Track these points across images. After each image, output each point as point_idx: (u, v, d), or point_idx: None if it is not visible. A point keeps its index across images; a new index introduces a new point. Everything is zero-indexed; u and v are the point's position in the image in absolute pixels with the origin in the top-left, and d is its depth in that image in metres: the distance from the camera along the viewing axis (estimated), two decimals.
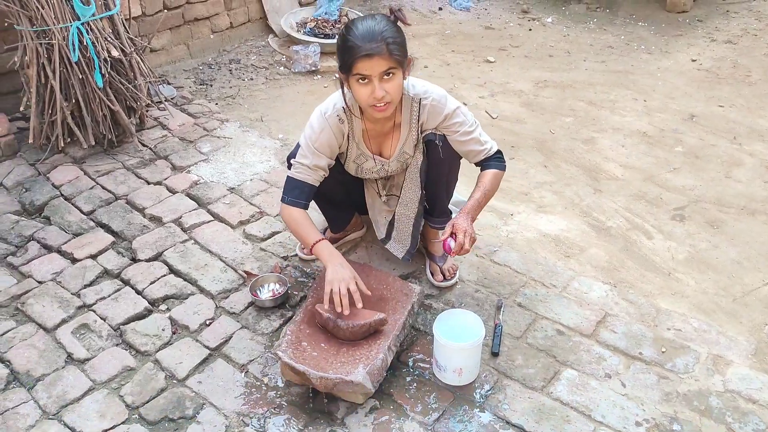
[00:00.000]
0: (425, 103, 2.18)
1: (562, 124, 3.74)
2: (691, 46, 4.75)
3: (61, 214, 2.83)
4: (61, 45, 2.91)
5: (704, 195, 3.11)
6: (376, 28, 1.98)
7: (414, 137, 2.27)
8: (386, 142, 2.29)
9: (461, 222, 2.19)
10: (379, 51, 1.95)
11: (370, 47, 1.95)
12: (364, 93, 2.02)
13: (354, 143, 2.28)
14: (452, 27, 5.05)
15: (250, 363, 2.20)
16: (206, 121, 3.52)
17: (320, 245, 2.19)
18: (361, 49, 1.95)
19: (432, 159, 2.30)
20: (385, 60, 1.97)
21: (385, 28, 1.99)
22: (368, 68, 1.97)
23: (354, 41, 1.97)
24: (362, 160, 2.33)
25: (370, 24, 2.00)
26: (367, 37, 1.96)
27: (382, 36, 1.96)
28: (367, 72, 1.98)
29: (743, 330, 2.35)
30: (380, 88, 2.00)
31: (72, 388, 2.11)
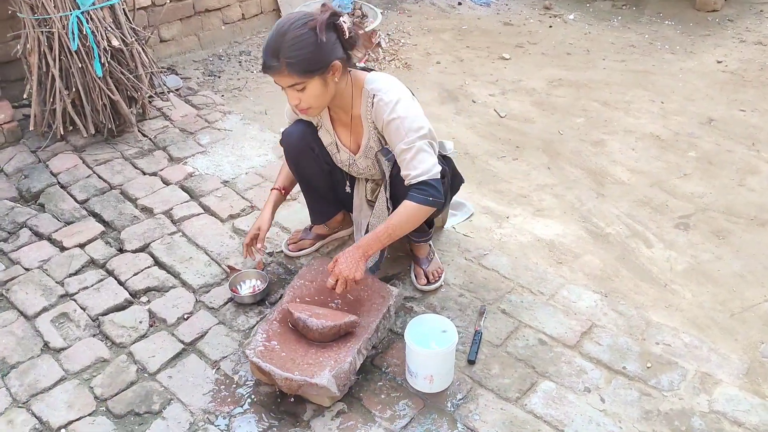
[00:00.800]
0: (376, 101, 2.07)
1: (572, 124, 3.63)
2: (718, 47, 4.58)
3: (55, 202, 2.86)
4: (61, 33, 2.92)
5: (713, 203, 2.98)
6: (279, 40, 1.87)
7: (374, 136, 2.18)
8: (355, 135, 2.23)
9: (342, 264, 2.02)
10: (277, 70, 1.91)
11: (269, 65, 1.91)
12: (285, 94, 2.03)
13: (324, 128, 2.26)
14: (470, 22, 4.96)
15: (223, 360, 2.17)
16: (208, 113, 3.51)
17: (271, 194, 2.40)
18: (263, 63, 1.93)
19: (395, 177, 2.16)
20: (286, 76, 1.92)
21: (290, 41, 1.86)
22: (275, 80, 1.96)
23: (262, 50, 1.94)
24: (334, 149, 2.30)
25: (278, 31, 1.90)
26: (268, 51, 1.90)
27: (280, 52, 1.87)
28: (276, 83, 1.98)
29: (737, 348, 2.24)
30: (293, 97, 1.99)
31: (44, 377, 2.11)
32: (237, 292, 2.39)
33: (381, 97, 2.06)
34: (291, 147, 2.34)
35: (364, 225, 2.44)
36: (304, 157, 2.33)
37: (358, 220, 2.47)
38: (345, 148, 2.27)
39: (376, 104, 2.07)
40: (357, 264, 2.02)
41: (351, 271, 2.02)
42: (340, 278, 2.02)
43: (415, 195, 2.01)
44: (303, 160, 2.34)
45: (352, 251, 2.04)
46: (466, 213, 2.81)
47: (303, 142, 2.31)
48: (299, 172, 2.39)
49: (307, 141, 2.31)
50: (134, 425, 1.98)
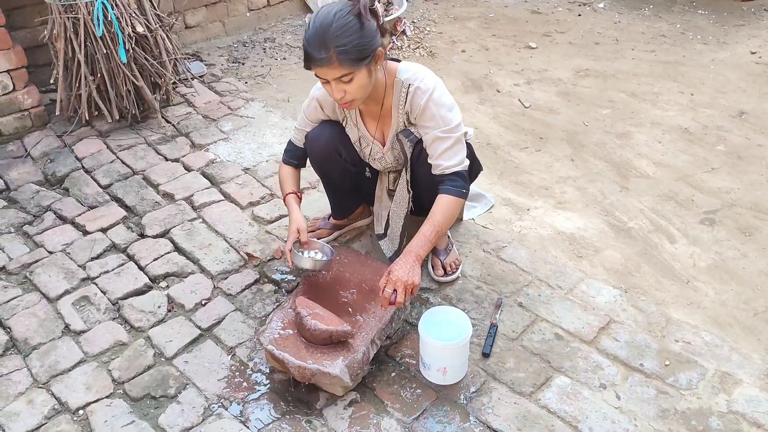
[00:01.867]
0: (412, 89, 2.07)
1: (598, 116, 3.57)
2: (752, 38, 4.45)
3: (79, 187, 2.90)
4: (87, 19, 2.95)
5: (741, 199, 2.91)
6: (327, 30, 1.84)
7: (402, 125, 2.18)
8: (383, 127, 2.22)
9: (397, 271, 1.96)
10: (327, 62, 1.87)
11: (317, 57, 1.87)
12: (327, 89, 2.00)
13: (351, 122, 2.25)
14: (497, 10, 4.89)
15: (239, 346, 2.19)
16: (231, 100, 3.53)
17: (287, 198, 2.31)
18: (310, 57, 1.89)
19: (416, 159, 2.18)
20: (336, 68, 1.89)
21: (338, 31, 1.84)
22: (321, 74, 1.93)
23: (306, 44, 1.89)
24: (364, 143, 2.29)
25: (322, 22, 1.86)
26: (314, 43, 1.86)
27: (332, 43, 1.84)
28: (322, 76, 1.94)
29: (760, 348, 2.19)
30: (338, 90, 1.96)
31: (64, 358, 2.15)
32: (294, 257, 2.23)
33: (418, 86, 2.06)
34: (316, 152, 2.32)
35: (385, 216, 2.43)
36: (330, 161, 2.32)
37: (379, 211, 2.47)
38: (375, 141, 2.25)
39: (413, 92, 2.06)
40: (413, 269, 1.98)
41: (409, 276, 1.97)
42: (399, 285, 1.96)
43: (451, 188, 2.06)
44: (328, 165, 2.34)
45: (404, 258, 2.00)
46: (486, 205, 2.78)
47: (330, 148, 2.29)
48: (324, 174, 2.41)
49: (334, 146, 2.29)
50: (150, 408, 2.01)
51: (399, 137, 2.17)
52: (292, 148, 2.37)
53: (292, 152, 2.37)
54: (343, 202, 2.56)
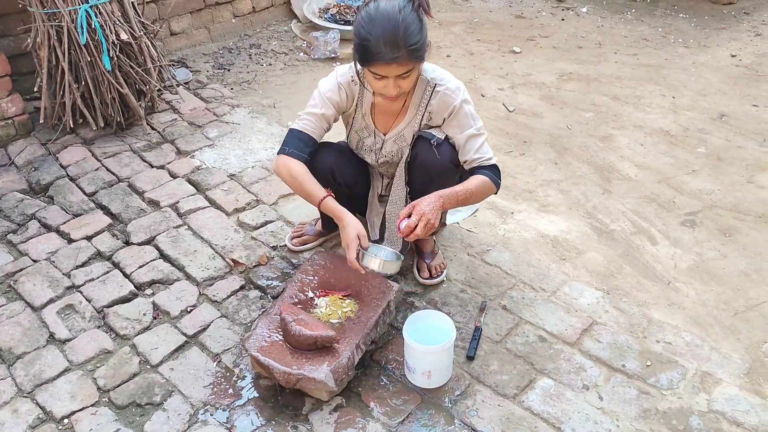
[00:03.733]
0: (438, 90, 2.13)
1: (581, 119, 3.61)
2: (733, 41, 4.51)
3: (64, 194, 2.89)
4: (71, 27, 2.95)
5: (721, 200, 2.95)
6: (398, 28, 1.86)
7: (417, 123, 2.21)
8: (392, 120, 2.24)
9: (424, 205, 2.01)
10: (399, 60, 1.89)
11: (390, 56, 1.87)
12: (378, 85, 2.00)
13: (360, 113, 2.25)
14: (481, 15, 4.93)
15: (224, 353, 2.20)
16: (217, 106, 3.53)
17: (328, 201, 2.14)
18: (382, 55, 1.88)
19: (422, 160, 2.20)
20: (405, 64, 1.91)
21: (407, 28, 1.88)
22: (386, 71, 1.93)
23: (373, 43, 1.87)
24: (365, 134, 2.29)
25: (390, 21, 1.87)
26: (388, 41, 1.86)
27: (404, 41, 1.87)
28: (385, 74, 1.93)
29: (739, 347, 2.22)
30: (395, 86, 1.97)
31: (49, 367, 2.15)
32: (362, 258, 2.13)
33: (447, 86, 2.12)
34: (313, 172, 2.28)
35: (378, 222, 2.44)
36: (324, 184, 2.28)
37: (371, 219, 2.48)
38: (377, 132, 2.26)
39: (441, 93, 2.12)
40: (437, 210, 2.02)
41: (433, 214, 2.00)
42: (423, 219, 1.98)
43: (491, 174, 2.14)
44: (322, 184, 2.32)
45: (433, 198, 2.03)
46: (470, 208, 2.81)
47: (326, 172, 2.28)
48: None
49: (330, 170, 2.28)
50: (135, 416, 2.01)
51: (423, 134, 2.17)
52: (303, 136, 2.16)
53: (304, 142, 2.16)
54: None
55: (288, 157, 2.15)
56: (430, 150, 2.17)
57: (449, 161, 2.19)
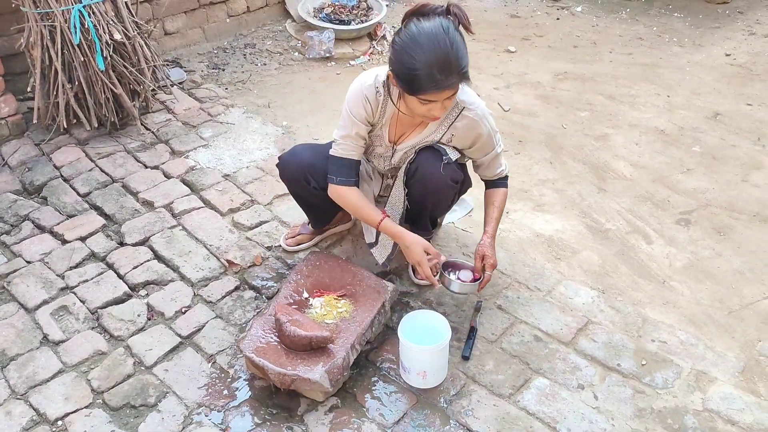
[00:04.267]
0: (466, 114, 2.07)
1: (576, 118, 3.61)
2: (727, 40, 4.52)
3: (57, 195, 2.88)
4: (63, 27, 2.94)
5: (716, 199, 2.95)
6: (449, 53, 1.80)
7: (435, 138, 2.16)
8: (406, 131, 2.21)
9: (489, 253, 2.20)
10: (452, 84, 1.84)
11: (447, 84, 1.82)
12: (422, 109, 1.94)
13: (380, 123, 2.18)
14: (476, 14, 4.92)
15: (219, 353, 2.19)
16: (211, 106, 3.52)
17: (386, 222, 2.19)
18: (439, 84, 1.82)
19: (423, 173, 2.17)
20: (455, 89, 1.87)
21: (458, 51, 1.82)
22: (438, 96, 1.87)
23: (424, 72, 1.80)
24: (377, 142, 2.25)
25: (439, 43, 1.80)
26: (441, 68, 1.80)
27: (457, 66, 1.82)
28: (435, 99, 1.88)
29: (734, 345, 2.23)
30: (442, 108, 1.92)
31: (42, 369, 2.14)
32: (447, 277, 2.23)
33: (475, 112, 2.08)
34: (286, 177, 2.37)
35: None
36: (299, 188, 2.35)
37: None
38: (388, 143, 2.23)
39: (470, 119, 2.09)
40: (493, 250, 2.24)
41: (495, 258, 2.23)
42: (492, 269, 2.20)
43: (505, 182, 2.31)
44: (297, 188, 2.37)
45: (493, 245, 2.23)
46: (466, 208, 2.80)
47: (299, 177, 2.31)
48: (294, 193, 2.44)
49: (303, 175, 2.29)
50: (129, 418, 2.00)
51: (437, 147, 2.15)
52: (345, 162, 2.16)
53: (347, 168, 2.17)
54: (319, 215, 2.54)
55: (338, 186, 2.19)
56: (434, 165, 2.14)
57: (451, 179, 2.18)
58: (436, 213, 2.40)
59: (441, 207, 2.37)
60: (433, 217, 2.40)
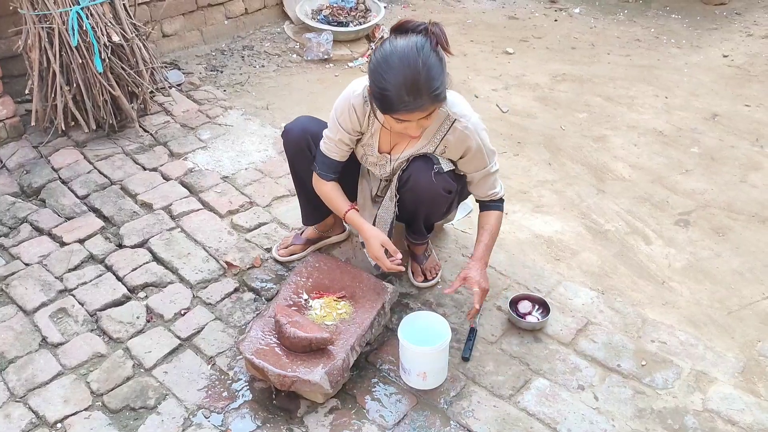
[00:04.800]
0: (457, 127, 2.04)
1: (575, 120, 3.61)
2: (724, 41, 4.53)
3: (56, 198, 2.87)
4: (62, 29, 2.93)
5: (714, 200, 2.95)
6: (419, 74, 1.76)
7: (428, 150, 2.14)
8: (399, 142, 2.18)
9: (474, 274, 2.13)
10: (421, 107, 1.81)
11: (416, 105, 1.80)
12: (399, 127, 1.92)
13: (369, 132, 2.17)
14: (474, 16, 4.93)
15: (218, 355, 2.19)
16: (210, 108, 3.52)
17: (349, 215, 2.23)
18: (402, 105, 1.80)
19: (415, 182, 2.15)
20: (425, 111, 1.84)
21: (429, 72, 1.77)
22: (408, 117, 1.86)
23: (393, 93, 1.79)
24: (369, 151, 2.24)
25: (410, 64, 1.77)
26: (410, 90, 1.77)
27: (427, 88, 1.78)
28: (407, 119, 1.86)
29: (734, 346, 2.23)
30: (417, 127, 1.91)
31: (41, 371, 2.13)
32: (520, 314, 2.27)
33: (466, 125, 2.04)
34: (289, 144, 2.33)
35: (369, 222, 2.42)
36: (300, 156, 2.31)
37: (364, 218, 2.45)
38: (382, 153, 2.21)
39: (460, 132, 2.05)
40: (486, 276, 2.18)
41: (486, 282, 2.17)
42: (480, 291, 2.13)
43: (501, 206, 2.26)
44: (298, 159, 2.33)
45: (478, 263, 2.16)
46: (464, 210, 2.79)
47: (301, 142, 2.28)
48: (294, 168, 2.39)
49: (305, 141, 2.27)
50: (129, 420, 1.99)
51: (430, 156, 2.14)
52: (327, 160, 2.20)
53: (327, 165, 2.21)
54: (314, 207, 2.48)
55: (318, 176, 2.25)
56: (427, 174, 2.12)
57: (443, 189, 2.15)
58: (430, 220, 2.38)
59: (434, 215, 2.34)
60: (427, 224, 2.39)
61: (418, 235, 2.40)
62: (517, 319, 2.25)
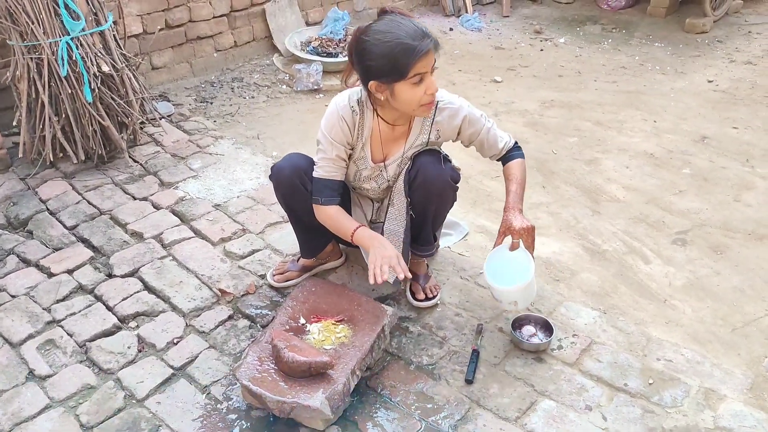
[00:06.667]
0: (443, 107, 2.14)
1: (566, 144, 3.62)
2: (708, 67, 4.61)
3: (43, 228, 2.81)
4: (51, 60, 2.91)
5: (710, 219, 2.95)
6: (411, 24, 1.94)
7: (423, 141, 2.18)
8: (392, 147, 2.20)
9: (516, 223, 2.13)
10: (433, 45, 1.94)
11: (427, 44, 1.92)
12: (418, 93, 1.97)
13: (360, 142, 2.18)
14: (462, 47, 4.99)
15: (213, 384, 2.11)
16: (200, 138, 3.49)
17: (359, 232, 2.16)
18: (419, 48, 1.90)
19: (425, 176, 2.16)
20: (434, 54, 1.96)
21: (416, 23, 1.96)
22: (425, 65, 1.94)
23: (408, 42, 1.91)
24: (363, 165, 2.24)
25: (400, 24, 1.94)
26: (415, 35, 1.92)
27: (425, 31, 1.94)
28: (424, 69, 1.94)
29: (740, 362, 2.19)
30: (432, 84, 1.98)
31: (29, 405, 2.04)
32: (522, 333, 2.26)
33: (450, 101, 2.17)
34: (281, 184, 2.27)
35: None
36: (294, 193, 2.26)
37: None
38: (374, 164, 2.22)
39: (448, 110, 2.16)
40: (524, 218, 2.17)
41: (526, 223, 2.14)
42: (525, 233, 2.12)
43: (518, 153, 2.31)
44: (293, 198, 2.28)
45: (513, 212, 2.17)
46: (461, 233, 2.77)
47: (294, 179, 2.24)
48: (289, 206, 2.34)
49: (299, 177, 2.23)
50: None
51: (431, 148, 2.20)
52: (328, 182, 2.18)
53: (330, 188, 2.18)
54: (312, 240, 2.46)
55: (323, 206, 2.20)
56: (436, 165, 2.15)
57: (450, 179, 2.20)
58: (438, 220, 2.37)
59: (441, 213, 2.34)
60: (435, 225, 2.37)
61: (426, 245, 2.37)
62: (520, 340, 2.20)
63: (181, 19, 4.00)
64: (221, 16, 4.20)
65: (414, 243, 2.36)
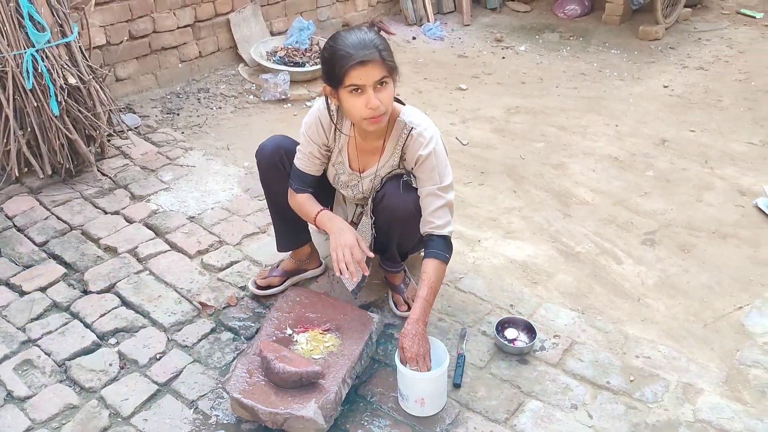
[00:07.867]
0: (413, 135, 2.10)
1: (533, 149, 3.70)
2: (663, 73, 4.76)
3: (12, 246, 2.73)
4: (15, 72, 2.84)
5: (675, 219, 3.06)
6: (366, 36, 1.95)
7: (393, 163, 2.18)
8: (369, 160, 2.21)
9: (410, 347, 1.99)
10: (373, 57, 1.91)
11: (363, 54, 1.90)
12: (358, 104, 1.95)
13: (337, 147, 2.22)
14: (425, 56, 5.04)
15: (200, 399, 2.09)
16: (170, 150, 3.45)
17: (321, 215, 2.19)
18: (354, 56, 1.90)
19: (389, 202, 2.16)
20: (379, 68, 1.92)
21: (374, 37, 1.96)
22: (362, 77, 1.91)
23: (345, 49, 1.92)
24: (341, 169, 2.26)
25: (358, 34, 1.96)
26: (359, 45, 1.92)
27: (373, 43, 1.93)
28: (361, 81, 1.91)
29: (714, 357, 2.27)
30: (374, 98, 1.94)
31: (9, 428, 1.98)
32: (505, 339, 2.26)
33: (420, 132, 2.09)
34: (263, 160, 2.31)
35: None
36: (274, 172, 2.29)
37: None
38: (353, 171, 2.24)
39: (415, 138, 2.09)
40: (423, 337, 2.04)
41: (421, 345, 2.02)
42: (418, 359, 1.99)
43: (439, 254, 2.11)
44: (272, 177, 2.31)
45: (412, 328, 2.03)
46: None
47: (275, 157, 2.28)
48: (268, 189, 2.37)
49: (279, 157, 2.28)
50: None
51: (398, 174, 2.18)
52: (301, 174, 2.24)
53: (302, 179, 2.25)
54: (288, 232, 2.46)
55: (294, 192, 2.26)
56: (398, 192, 2.15)
57: (414, 208, 2.15)
58: (403, 245, 2.36)
59: (408, 239, 2.31)
60: (401, 251, 2.38)
61: (393, 263, 2.38)
62: (504, 344, 2.24)
63: (145, 30, 3.94)
64: (185, 26, 4.15)
65: (382, 258, 2.39)
